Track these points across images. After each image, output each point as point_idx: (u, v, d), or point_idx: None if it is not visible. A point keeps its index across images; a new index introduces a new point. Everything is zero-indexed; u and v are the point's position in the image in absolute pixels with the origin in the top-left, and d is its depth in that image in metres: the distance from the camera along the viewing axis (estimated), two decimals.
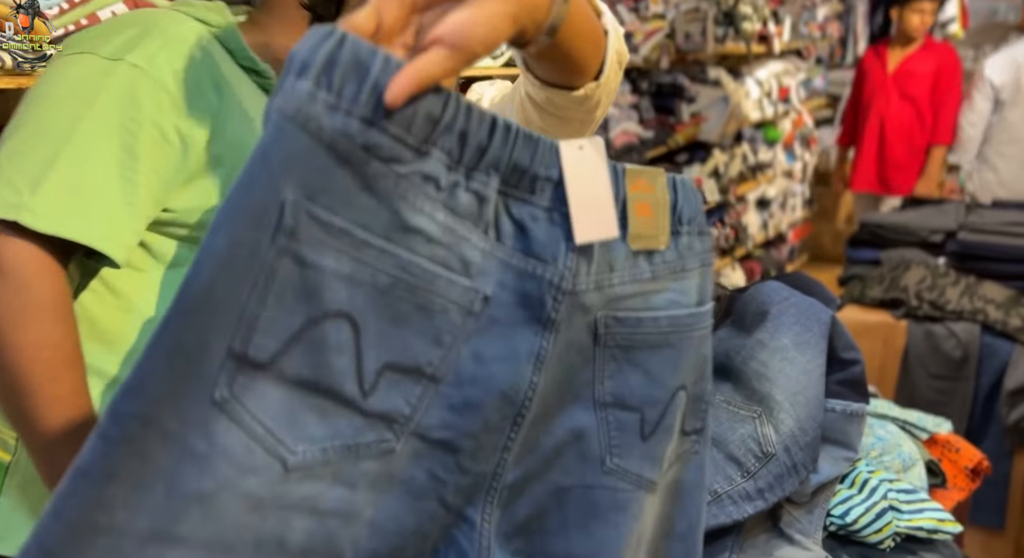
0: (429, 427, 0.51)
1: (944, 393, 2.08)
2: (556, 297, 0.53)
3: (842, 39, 5.12)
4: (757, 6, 3.55)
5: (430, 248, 0.48)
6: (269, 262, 0.44)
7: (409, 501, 0.51)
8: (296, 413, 0.46)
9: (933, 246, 2.38)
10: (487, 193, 0.50)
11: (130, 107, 0.74)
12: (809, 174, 4.66)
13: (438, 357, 0.50)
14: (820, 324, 1.11)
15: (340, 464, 0.48)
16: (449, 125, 0.47)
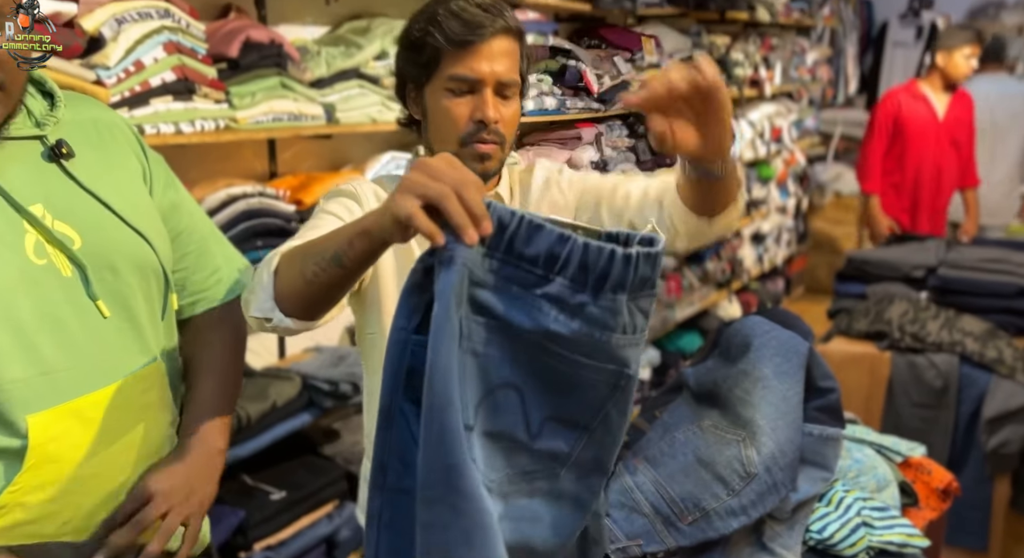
0: (586, 459, 0.75)
1: (927, 421, 2.19)
2: None
3: (832, 81, 5.31)
4: (748, 53, 3.73)
5: (572, 345, 0.69)
6: (460, 359, 0.64)
7: (574, 508, 0.76)
8: (490, 455, 0.69)
9: (915, 281, 2.51)
10: (617, 306, 0.70)
11: None
12: (803, 209, 4.81)
13: (591, 415, 0.74)
14: (798, 355, 1.24)
15: (520, 485, 0.72)
16: (567, 260, 0.67)
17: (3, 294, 0.80)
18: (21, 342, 0.82)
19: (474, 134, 1.01)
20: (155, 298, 0.94)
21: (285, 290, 0.83)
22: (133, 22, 1.40)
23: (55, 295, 0.84)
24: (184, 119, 1.50)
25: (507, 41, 1.02)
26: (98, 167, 0.92)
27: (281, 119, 1.70)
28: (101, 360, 0.87)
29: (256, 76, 1.66)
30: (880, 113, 3.42)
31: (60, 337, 0.84)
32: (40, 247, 0.84)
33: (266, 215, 1.73)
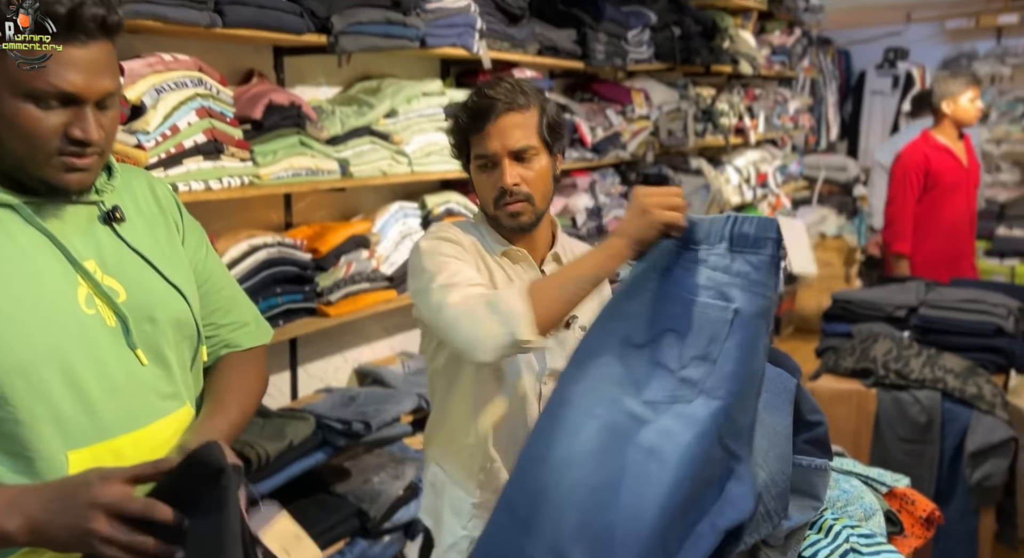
0: (712, 388, 1.02)
1: (913, 455, 2.27)
2: None
3: (814, 128, 5.53)
4: (733, 103, 3.92)
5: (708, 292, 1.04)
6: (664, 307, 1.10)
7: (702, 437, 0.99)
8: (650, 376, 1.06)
9: (898, 320, 2.62)
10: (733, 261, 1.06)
11: None
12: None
13: (716, 349, 1.02)
14: (786, 391, 1.33)
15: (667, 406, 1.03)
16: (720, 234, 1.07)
17: (57, 338, 0.89)
18: (70, 382, 0.88)
19: (500, 199, 1.22)
20: (187, 349, 1.03)
21: (546, 315, 1.11)
22: (170, 91, 1.53)
23: (101, 342, 0.92)
24: (213, 177, 1.61)
25: (516, 116, 1.21)
26: (143, 229, 1.01)
27: (300, 174, 1.82)
28: (138, 404, 0.95)
29: (277, 135, 1.79)
30: (908, 170, 3.19)
31: (104, 380, 0.91)
32: (90, 298, 0.92)
33: (285, 263, 1.84)
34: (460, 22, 2.16)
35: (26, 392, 0.86)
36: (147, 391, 0.96)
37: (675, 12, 3.29)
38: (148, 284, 0.98)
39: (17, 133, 0.86)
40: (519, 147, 1.20)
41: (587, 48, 2.74)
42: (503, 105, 1.20)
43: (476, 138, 1.22)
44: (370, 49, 1.90)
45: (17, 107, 0.85)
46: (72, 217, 0.94)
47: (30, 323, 0.87)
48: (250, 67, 1.94)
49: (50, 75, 0.85)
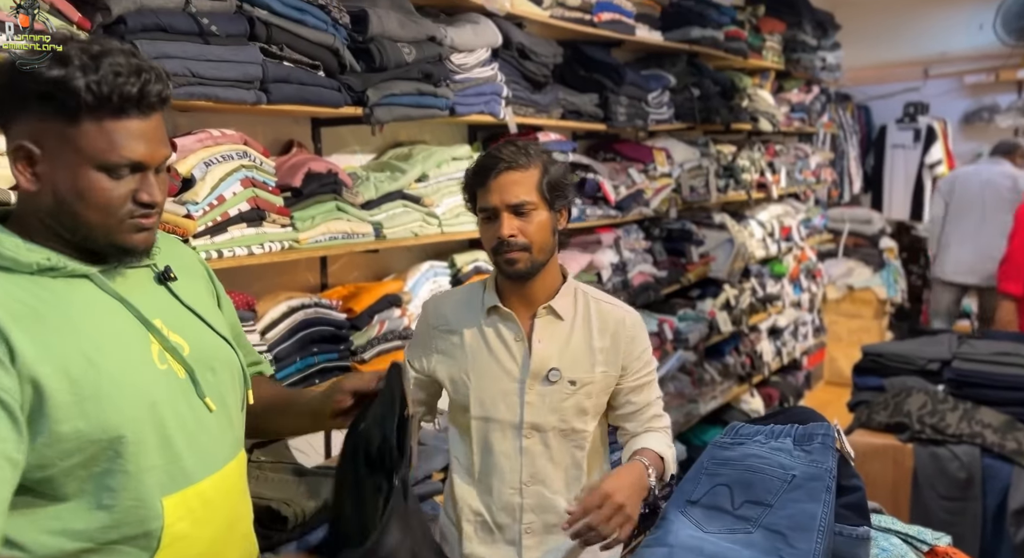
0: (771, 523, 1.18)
1: (954, 513, 2.21)
2: None
3: (836, 181, 5.57)
4: (753, 159, 3.99)
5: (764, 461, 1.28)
6: None
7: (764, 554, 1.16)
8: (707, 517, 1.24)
9: (931, 374, 2.58)
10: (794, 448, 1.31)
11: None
12: (818, 303, 4.93)
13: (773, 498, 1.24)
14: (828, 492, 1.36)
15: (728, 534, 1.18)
16: None
17: (144, 394, 0.96)
18: (161, 434, 0.96)
19: (499, 248, 1.34)
20: (240, 393, 1.12)
21: None
22: (218, 163, 1.63)
23: (176, 394, 1.00)
24: (255, 242, 1.69)
25: (515, 173, 1.33)
26: (188, 287, 1.09)
27: (336, 238, 1.90)
28: (211, 449, 1.03)
29: (316, 202, 1.88)
30: None
31: (184, 430, 0.99)
32: (161, 355, 0.99)
33: (321, 323, 1.90)
34: (487, 91, 2.26)
35: (133, 446, 0.93)
36: (217, 436, 1.05)
37: (694, 74, 3.40)
38: (204, 337, 1.06)
39: (93, 203, 0.92)
40: (516, 202, 1.32)
41: (609, 111, 2.83)
42: (504, 164, 1.32)
43: (480, 192, 1.35)
44: (403, 119, 2.00)
45: (92, 180, 0.91)
46: (134, 280, 1.01)
47: (129, 383, 0.94)
48: (290, 138, 2.05)
49: (122, 148, 0.91)
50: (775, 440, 1.45)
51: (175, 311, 1.05)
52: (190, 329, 1.05)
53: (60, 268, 0.93)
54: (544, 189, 1.34)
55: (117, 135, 0.91)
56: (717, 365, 3.75)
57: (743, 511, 1.32)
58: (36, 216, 0.94)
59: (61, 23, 1.28)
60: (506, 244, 1.32)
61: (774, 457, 1.40)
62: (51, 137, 0.90)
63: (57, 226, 0.94)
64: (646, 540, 1.32)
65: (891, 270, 5.49)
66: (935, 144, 5.72)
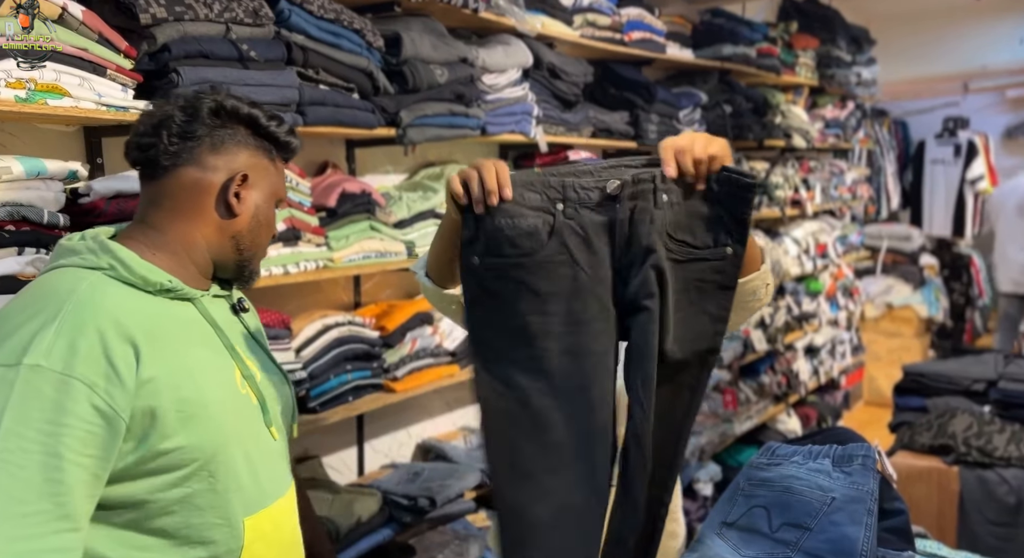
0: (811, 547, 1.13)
1: (1004, 539, 2.13)
2: None
3: (873, 198, 5.47)
4: (787, 176, 3.94)
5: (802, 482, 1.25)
6: None
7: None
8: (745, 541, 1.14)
9: (976, 394, 2.51)
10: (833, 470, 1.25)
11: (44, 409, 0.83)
12: (855, 321, 4.83)
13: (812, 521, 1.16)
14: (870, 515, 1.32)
15: None
16: None
17: (237, 418, 1.00)
18: (246, 457, 1.00)
19: None
20: (290, 425, 1.15)
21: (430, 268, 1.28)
22: None
23: (253, 419, 1.04)
24: (291, 262, 1.73)
25: None
26: (252, 321, 1.14)
27: (370, 257, 1.93)
28: (278, 473, 1.07)
29: (350, 221, 1.91)
30: None
31: (261, 453, 1.03)
32: (242, 381, 1.03)
33: (355, 341, 1.92)
34: (518, 110, 2.29)
35: (225, 467, 0.97)
36: (281, 462, 1.08)
37: (725, 91, 3.39)
38: (268, 368, 1.10)
39: (268, 229, 1.09)
40: None
41: (639, 128, 2.83)
42: None
43: None
44: (435, 139, 2.03)
45: (272, 212, 1.10)
46: (219, 308, 1.07)
47: (222, 406, 0.98)
48: (325, 159, 2.09)
49: (285, 189, 1.13)
50: (813, 461, 1.42)
51: (247, 341, 1.09)
52: (257, 359, 1.09)
53: (176, 290, 0.99)
54: None
55: (283, 176, 1.12)
56: (752, 384, 3.69)
57: (781, 534, 1.28)
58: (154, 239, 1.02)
59: (109, 52, 1.33)
60: None
61: (812, 479, 1.37)
62: (259, 170, 1.07)
63: (219, 251, 1.05)
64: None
65: (932, 288, 5.36)
66: (976, 159, 5.59)
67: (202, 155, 1.02)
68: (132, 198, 1.35)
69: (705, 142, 0.99)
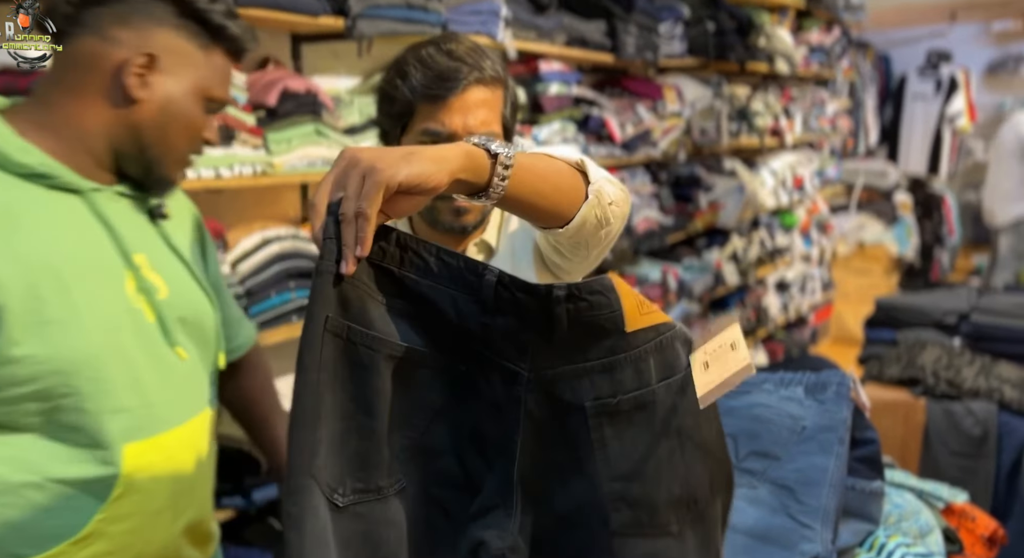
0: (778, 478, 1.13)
1: (967, 471, 2.12)
2: None
3: (852, 132, 5.36)
4: (768, 103, 3.79)
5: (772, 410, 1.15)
6: None
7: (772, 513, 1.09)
8: None
9: (947, 327, 2.47)
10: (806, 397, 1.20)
11: None
12: (827, 258, 4.79)
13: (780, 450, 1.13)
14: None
15: None
16: None
17: (113, 327, 0.86)
18: (130, 372, 0.88)
19: None
20: (212, 352, 1.03)
21: None
22: None
23: (149, 336, 0.92)
24: (223, 164, 1.55)
25: (483, 91, 0.96)
26: (179, 231, 1.02)
27: (316, 164, 1.76)
28: (182, 399, 0.95)
29: (292, 123, 1.72)
30: None
31: (155, 373, 0.91)
32: (135, 292, 0.91)
33: (299, 257, 1.77)
34: (484, 9, 2.08)
35: (93, 383, 0.84)
36: (187, 387, 0.96)
37: (709, 7, 3.19)
38: (185, 285, 0.98)
39: (186, 129, 0.94)
40: (484, 131, 0.95)
41: (617, 40, 2.64)
42: (474, 74, 0.95)
43: (428, 110, 0.95)
44: (389, 34, 1.83)
45: (197, 110, 0.94)
46: (125, 209, 0.93)
47: (93, 315, 0.85)
48: (265, 54, 1.88)
49: (224, 88, 0.97)
50: (785, 388, 1.34)
51: (160, 251, 0.96)
52: (172, 273, 0.96)
53: (53, 177, 0.85)
54: (508, 114, 1.00)
55: (227, 74, 0.97)
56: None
57: (748, 464, 1.21)
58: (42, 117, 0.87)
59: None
60: None
61: (783, 407, 1.30)
62: (177, 56, 0.91)
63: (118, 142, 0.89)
64: None
65: (904, 225, 5.33)
66: (957, 95, 5.49)
67: (106, 25, 0.87)
68: (25, 74, 1.16)
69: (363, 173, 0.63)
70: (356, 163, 0.62)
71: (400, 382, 0.66)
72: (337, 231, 0.61)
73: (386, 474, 0.65)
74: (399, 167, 0.62)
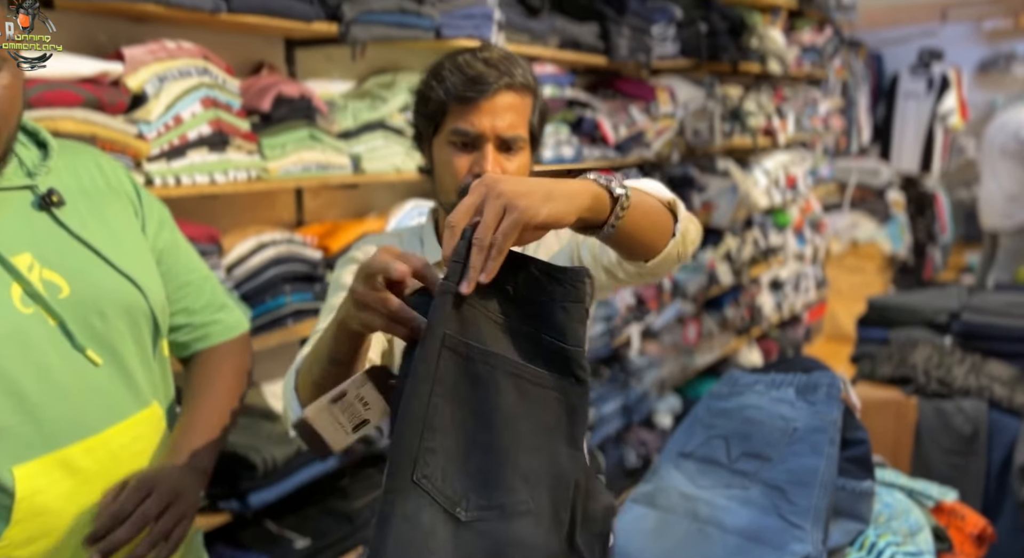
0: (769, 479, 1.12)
1: (958, 468, 2.14)
2: None
3: (845, 131, 5.38)
4: (761, 103, 3.80)
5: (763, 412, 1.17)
6: None
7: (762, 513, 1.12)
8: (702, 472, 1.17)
9: (938, 326, 2.48)
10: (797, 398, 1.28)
11: None
12: (820, 257, 4.81)
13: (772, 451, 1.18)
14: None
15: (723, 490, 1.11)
16: None
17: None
18: (7, 390, 0.80)
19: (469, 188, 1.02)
20: (146, 342, 0.93)
21: (305, 398, 0.83)
22: (174, 80, 1.47)
23: (43, 344, 0.83)
24: (218, 170, 1.55)
25: (512, 96, 1.02)
26: (89, 213, 0.91)
27: (310, 169, 1.76)
28: (92, 408, 0.86)
29: (286, 128, 1.73)
30: None
31: (48, 386, 0.83)
32: (22, 298, 0.83)
33: (294, 261, 1.77)
34: (477, 13, 2.09)
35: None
36: (101, 394, 0.87)
37: (701, 8, 3.20)
38: (94, 275, 0.88)
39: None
40: (510, 135, 1.01)
41: (610, 43, 2.65)
42: (505, 80, 1.01)
43: (460, 111, 1.01)
44: (383, 39, 1.84)
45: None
46: (2, 206, 0.84)
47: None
48: (260, 59, 1.88)
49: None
50: (776, 390, 1.36)
51: (58, 243, 0.87)
52: (76, 265, 0.87)
53: None
54: (535, 122, 1.06)
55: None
56: (716, 317, 3.65)
57: (740, 465, 1.23)
58: None
59: None
60: None
61: (774, 408, 1.31)
62: None
63: None
64: (633, 494, 1.22)
65: (897, 223, 5.36)
66: (948, 93, 5.52)
67: None
68: None
69: None
70: (499, 194, 0.66)
71: (521, 401, 0.67)
72: (467, 256, 0.64)
73: (509, 492, 0.65)
74: (540, 208, 0.66)
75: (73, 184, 0.91)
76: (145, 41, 1.56)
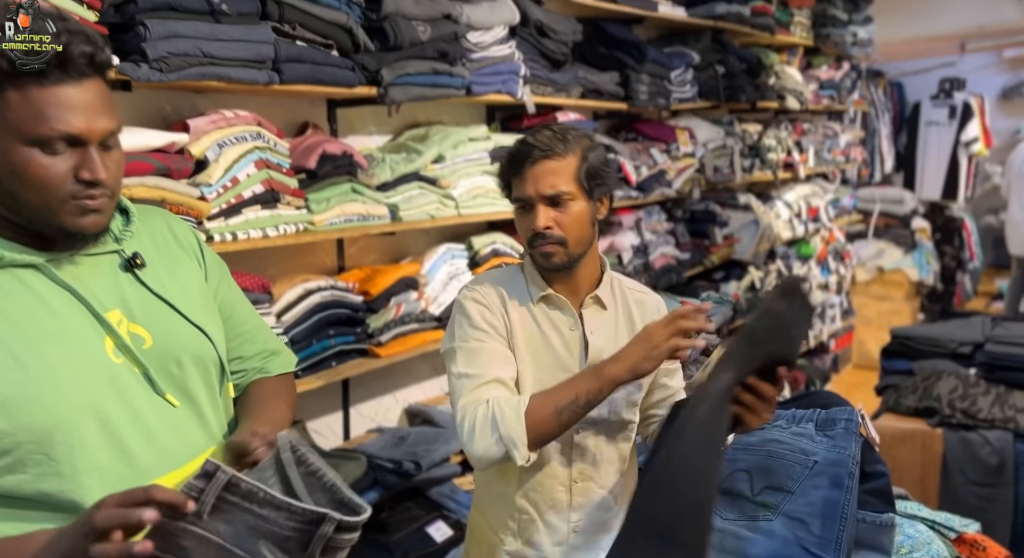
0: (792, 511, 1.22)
1: (985, 499, 2.16)
2: None
3: (866, 161, 5.42)
4: (780, 138, 3.89)
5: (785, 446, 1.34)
6: None
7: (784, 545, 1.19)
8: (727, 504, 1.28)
9: (962, 357, 2.51)
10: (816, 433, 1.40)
11: None
12: (846, 286, 4.83)
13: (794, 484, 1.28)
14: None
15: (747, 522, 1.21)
16: None
17: (91, 390, 0.90)
18: (106, 431, 0.89)
19: (534, 240, 1.26)
20: (214, 385, 1.03)
21: (539, 433, 1.14)
22: (231, 145, 1.62)
23: (133, 390, 0.93)
24: (270, 224, 1.69)
25: (551, 163, 1.24)
26: (164, 271, 1.01)
27: (352, 220, 1.89)
28: (174, 445, 0.95)
29: (331, 184, 1.86)
30: None
31: (139, 427, 0.92)
32: (114, 350, 0.92)
33: (338, 306, 1.90)
34: (504, 69, 2.23)
35: (65, 447, 0.86)
36: (180, 432, 0.97)
37: (718, 51, 3.31)
38: (172, 328, 0.98)
39: (29, 183, 0.85)
40: (551, 193, 1.23)
41: (630, 89, 2.78)
42: (539, 152, 1.24)
43: (515, 181, 1.26)
44: (418, 99, 1.98)
45: (25, 156, 0.84)
46: (93, 268, 0.95)
47: (64, 380, 0.88)
48: (305, 119, 2.03)
49: (52, 120, 0.84)
50: (796, 425, 1.42)
51: (142, 300, 0.97)
52: (157, 319, 0.97)
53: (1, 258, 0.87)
54: (582, 178, 1.25)
55: (45, 105, 0.83)
56: None
57: (763, 497, 1.28)
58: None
59: (72, 3, 1.28)
60: (541, 237, 1.24)
61: (795, 442, 1.37)
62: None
63: (4, 210, 0.88)
64: None
65: (923, 251, 5.36)
66: (971, 121, 5.55)
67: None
68: None
69: None
70: None
71: None
72: None
73: None
74: None
75: (150, 246, 1.03)
76: (204, 108, 1.72)
